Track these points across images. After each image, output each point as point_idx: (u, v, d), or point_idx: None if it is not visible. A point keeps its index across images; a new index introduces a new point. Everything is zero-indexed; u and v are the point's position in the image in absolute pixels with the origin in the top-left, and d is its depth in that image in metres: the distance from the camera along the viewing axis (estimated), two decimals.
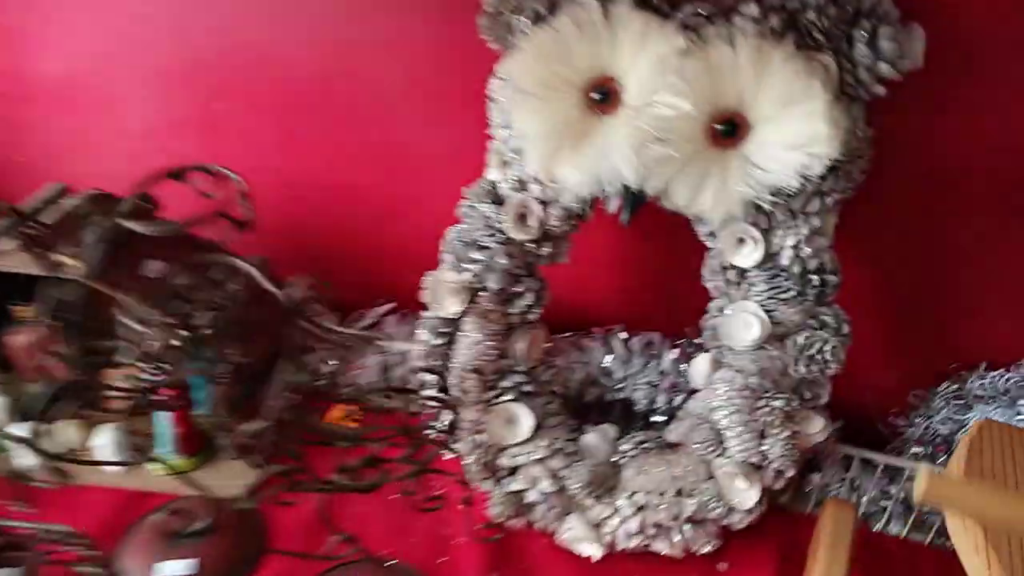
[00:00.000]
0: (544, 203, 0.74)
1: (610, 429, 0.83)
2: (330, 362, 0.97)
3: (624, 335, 0.89)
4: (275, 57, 0.87)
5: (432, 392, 0.65)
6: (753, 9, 0.66)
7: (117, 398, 0.60)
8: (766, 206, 0.68)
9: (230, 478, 0.84)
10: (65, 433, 0.82)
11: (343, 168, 0.92)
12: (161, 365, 0.51)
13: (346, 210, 0.96)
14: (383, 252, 0.97)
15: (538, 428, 0.80)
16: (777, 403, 0.73)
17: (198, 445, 0.83)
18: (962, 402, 0.86)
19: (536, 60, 0.67)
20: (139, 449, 0.61)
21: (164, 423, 0.80)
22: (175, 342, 0.50)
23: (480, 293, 0.77)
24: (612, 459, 0.80)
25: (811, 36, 0.66)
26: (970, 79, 0.71)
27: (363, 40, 0.83)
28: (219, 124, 0.92)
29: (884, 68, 0.66)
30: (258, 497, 0.59)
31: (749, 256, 0.72)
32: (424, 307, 0.80)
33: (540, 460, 0.78)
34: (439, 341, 0.78)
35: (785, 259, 0.71)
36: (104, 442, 0.82)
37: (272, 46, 0.86)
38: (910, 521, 0.85)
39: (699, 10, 0.66)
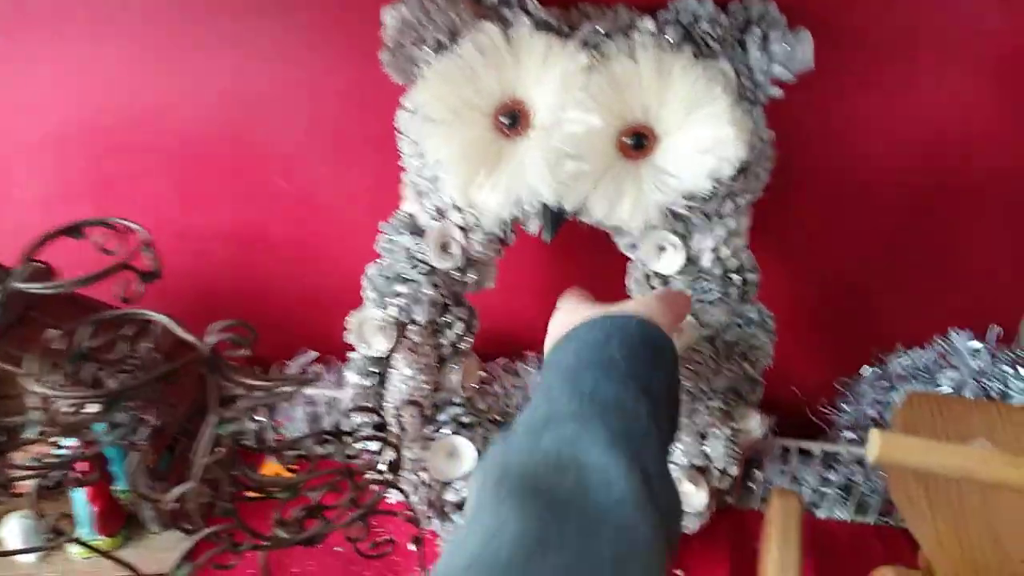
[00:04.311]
0: (465, 230, 0.73)
1: None
2: (257, 417, 0.94)
3: None
4: (168, 114, 0.83)
5: (369, 432, 0.62)
6: (650, 24, 0.68)
7: (24, 477, 0.55)
8: (682, 211, 0.70)
9: (157, 552, 0.79)
10: None
11: (250, 219, 0.89)
12: (71, 433, 0.47)
13: (258, 262, 0.92)
14: (300, 301, 0.94)
15: (481, 458, 0.78)
16: (714, 403, 0.74)
17: (119, 523, 0.78)
18: (886, 384, 0.89)
19: (443, 87, 0.66)
20: (56, 531, 0.56)
21: (81, 502, 0.75)
22: (85, 407, 0.46)
23: (408, 327, 0.75)
24: None
25: (707, 45, 0.68)
26: (857, 79, 0.75)
27: (257, 90, 0.81)
28: (115, 186, 0.88)
29: (778, 70, 0.68)
30: (193, 564, 0.55)
31: (671, 262, 0.73)
32: (348, 351, 0.77)
33: None
34: (369, 382, 0.76)
35: (706, 262, 0.73)
36: (13, 530, 0.76)
37: (165, 103, 0.83)
38: (853, 505, 0.87)
39: (598, 27, 0.67)
